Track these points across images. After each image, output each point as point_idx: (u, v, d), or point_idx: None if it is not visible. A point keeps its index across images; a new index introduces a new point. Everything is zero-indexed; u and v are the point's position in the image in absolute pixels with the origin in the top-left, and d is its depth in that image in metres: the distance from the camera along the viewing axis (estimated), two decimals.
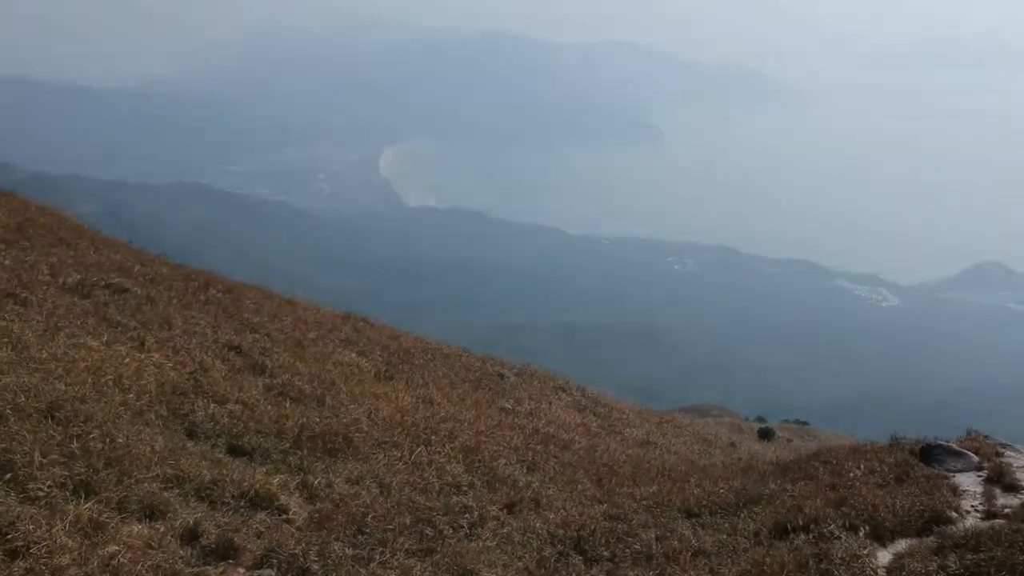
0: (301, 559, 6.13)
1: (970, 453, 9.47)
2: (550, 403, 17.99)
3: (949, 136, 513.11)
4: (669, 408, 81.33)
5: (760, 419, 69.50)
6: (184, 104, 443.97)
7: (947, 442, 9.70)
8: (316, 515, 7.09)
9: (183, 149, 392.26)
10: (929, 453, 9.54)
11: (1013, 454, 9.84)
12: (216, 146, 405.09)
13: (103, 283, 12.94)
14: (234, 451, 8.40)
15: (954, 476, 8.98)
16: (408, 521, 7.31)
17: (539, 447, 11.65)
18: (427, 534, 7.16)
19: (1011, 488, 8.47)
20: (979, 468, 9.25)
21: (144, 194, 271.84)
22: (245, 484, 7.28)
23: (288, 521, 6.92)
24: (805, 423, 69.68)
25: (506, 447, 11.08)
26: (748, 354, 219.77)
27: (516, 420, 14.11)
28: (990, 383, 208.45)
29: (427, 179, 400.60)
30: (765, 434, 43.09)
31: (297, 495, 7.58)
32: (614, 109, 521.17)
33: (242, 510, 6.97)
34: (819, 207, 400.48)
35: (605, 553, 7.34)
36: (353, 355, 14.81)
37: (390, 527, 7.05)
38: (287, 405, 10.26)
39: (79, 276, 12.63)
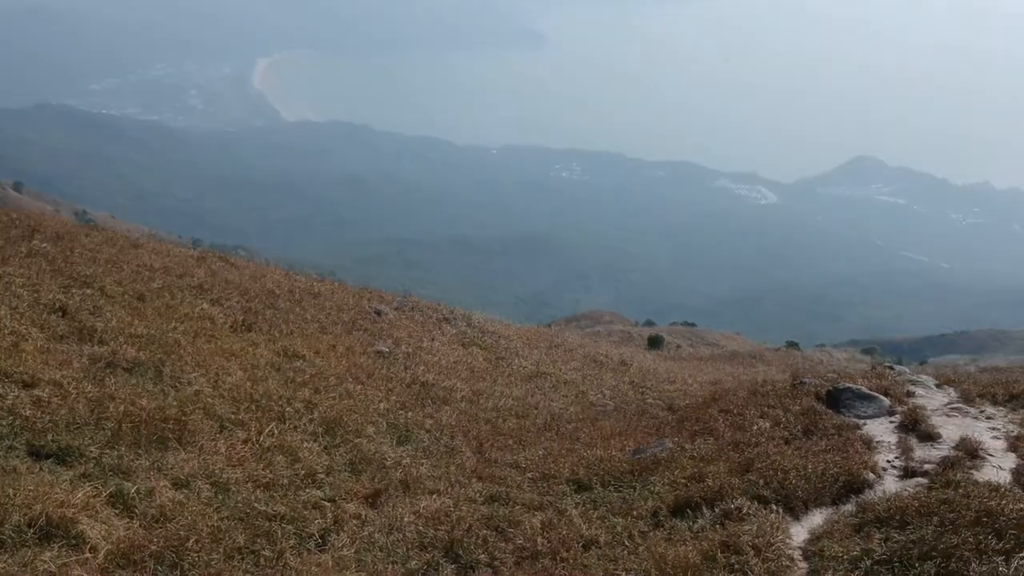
0: None
1: (880, 396, 8.75)
2: (432, 339, 16.82)
3: (821, 37, 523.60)
4: (563, 316, 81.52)
5: (649, 323, 70.29)
6: (33, 17, 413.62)
7: (855, 385, 8.94)
8: (123, 544, 5.71)
9: (37, 67, 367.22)
10: (836, 398, 8.78)
11: (923, 392, 9.19)
12: (74, 63, 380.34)
13: None
14: (37, 454, 6.89)
15: (865, 424, 8.24)
16: (242, 540, 6.01)
17: (413, 408, 10.43)
18: (265, 556, 5.89)
19: (927, 437, 7.76)
20: (891, 412, 8.53)
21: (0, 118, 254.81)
22: (37, 506, 5.83)
23: (83, 562, 5.52)
24: (693, 324, 70.80)
25: (375, 411, 9.85)
26: (637, 257, 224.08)
27: (391, 369, 12.87)
28: (863, 272, 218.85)
29: (305, 92, 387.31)
30: (654, 342, 43.22)
31: (108, 512, 6.17)
32: (494, 14, 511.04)
33: (30, 545, 5.56)
34: (702, 109, 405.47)
35: (482, 556, 6.23)
36: (205, 305, 13.21)
37: (216, 554, 5.75)
38: (113, 381, 8.72)
39: None
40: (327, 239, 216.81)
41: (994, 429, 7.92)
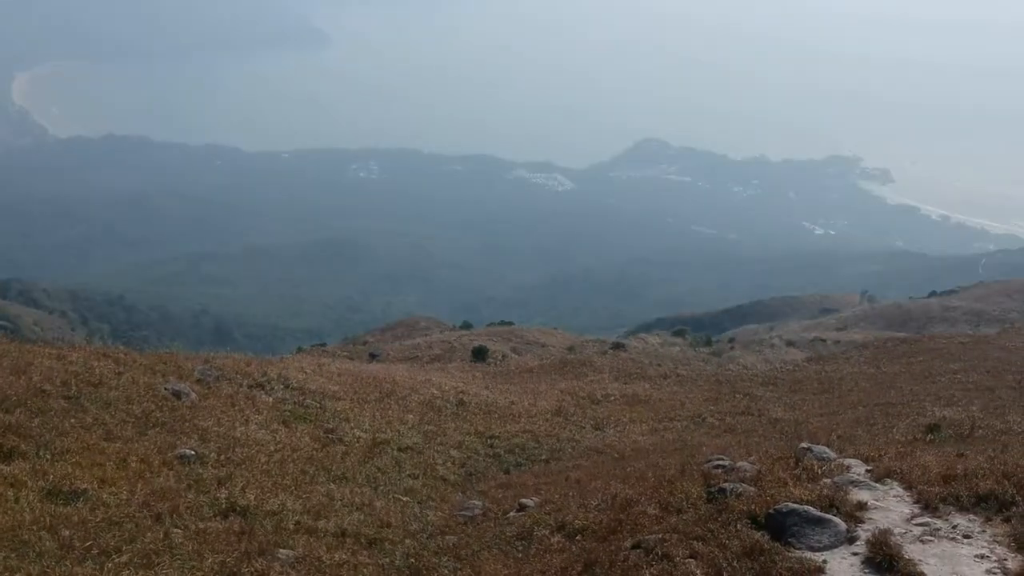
0: None
1: (833, 518, 7.19)
2: (247, 420, 14.31)
3: (600, 22, 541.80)
4: (377, 326, 78.77)
5: (466, 324, 68.94)
6: None
7: (800, 506, 7.31)
8: None
9: None
10: (780, 523, 7.16)
11: (872, 498, 7.77)
12: None
13: None
14: None
15: (825, 563, 6.70)
16: None
17: None
18: None
19: None
20: (851, 539, 7.03)
21: None
22: None
23: None
24: (510, 323, 70.02)
25: None
26: (442, 254, 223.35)
27: (200, 488, 10.38)
28: (659, 249, 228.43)
29: (74, 106, 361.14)
30: (479, 354, 41.91)
31: None
32: (277, 14, 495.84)
33: None
34: (493, 101, 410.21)
35: None
36: None
37: None
38: None
39: None
40: (113, 262, 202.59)
41: (983, 558, 6.58)
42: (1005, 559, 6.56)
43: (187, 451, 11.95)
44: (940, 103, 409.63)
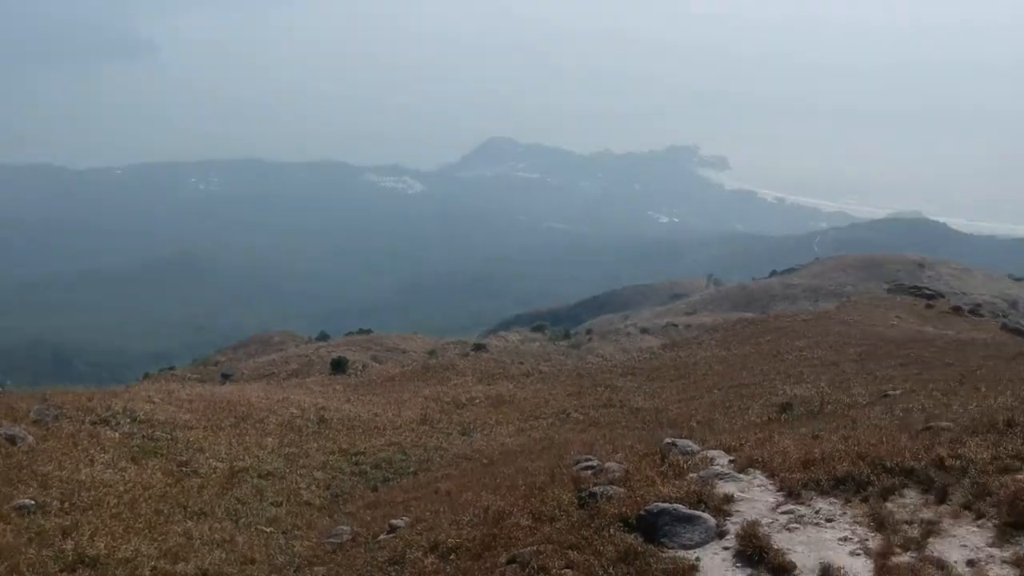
0: None
1: (703, 515, 7.26)
2: (91, 461, 13.38)
3: (440, 23, 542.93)
4: (229, 344, 76.07)
5: (323, 336, 67.53)
6: None
7: (670, 505, 7.33)
8: None
9: None
10: (652, 524, 7.16)
11: (738, 490, 7.89)
12: None
13: None
14: None
15: (698, 559, 6.73)
16: None
17: None
18: None
19: (780, 570, 6.39)
20: (721, 534, 7.11)
21: None
22: None
23: None
24: (368, 331, 69.01)
25: None
26: (294, 266, 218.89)
27: (43, 540, 9.59)
28: (513, 247, 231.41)
29: None
30: (338, 366, 41.23)
31: None
32: (101, 25, 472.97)
33: None
34: (334, 104, 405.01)
35: None
36: None
37: None
38: None
39: None
40: None
41: (846, 541, 6.80)
42: (866, 539, 6.82)
43: (26, 501, 11.06)
44: (772, 92, 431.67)
